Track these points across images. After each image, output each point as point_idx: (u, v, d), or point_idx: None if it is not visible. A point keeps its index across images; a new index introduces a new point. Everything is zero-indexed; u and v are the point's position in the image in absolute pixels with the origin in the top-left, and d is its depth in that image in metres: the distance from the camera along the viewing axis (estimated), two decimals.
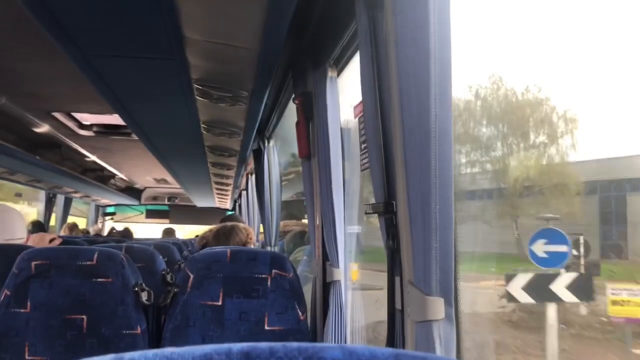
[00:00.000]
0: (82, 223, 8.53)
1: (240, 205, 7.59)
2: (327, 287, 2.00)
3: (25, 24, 2.05)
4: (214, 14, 1.68)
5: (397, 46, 1.14)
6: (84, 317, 1.81)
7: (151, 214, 8.93)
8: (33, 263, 1.82)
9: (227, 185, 5.86)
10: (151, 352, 0.39)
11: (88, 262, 1.83)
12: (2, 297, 1.80)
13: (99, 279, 1.83)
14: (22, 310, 1.79)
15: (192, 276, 1.89)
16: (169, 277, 2.58)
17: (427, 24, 1.06)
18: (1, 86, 3.28)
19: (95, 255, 1.84)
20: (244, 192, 6.66)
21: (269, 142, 3.87)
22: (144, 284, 1.88)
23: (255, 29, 1.73)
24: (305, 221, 5.45)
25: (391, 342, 1.24)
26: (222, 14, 1.67)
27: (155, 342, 1.91)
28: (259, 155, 4.06)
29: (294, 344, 0.41)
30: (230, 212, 8.19)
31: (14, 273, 1.81)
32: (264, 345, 0.40)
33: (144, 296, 1.86)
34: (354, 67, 1.97)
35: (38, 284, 1.81)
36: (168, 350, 0.40)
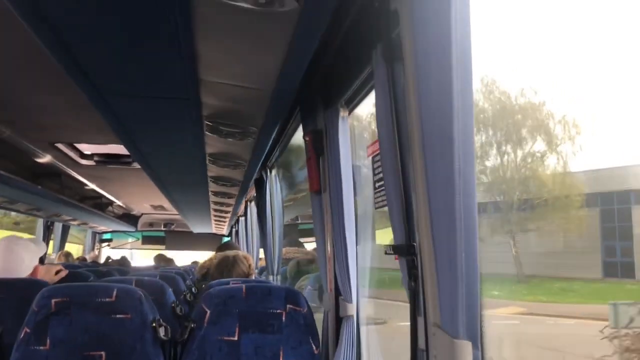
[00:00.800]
0: (75, 249, 8.50)
1: (237, 231, 7.60)
2: (339, 321, 2.03)
3: (33, 55, 2.08)
4: (232, 59, 1.74)
5: (418, 94, 1.19)
6: (103, 353, 1.83)
7: (147, 240, 8.92)
8: (53, 300, 1.84)
9: (226, 212, 5.89)
10: None
11: (107, 299, 1.86)
12: (22, 335, 1.82)
13: (118, 315, 1.85)
14: (41, 348, 1.81)
15: (208, 312, 1.92)
16: (178, 310, 2.61)
17: (450, 74, 1.11)
18: (6, 118, 3.31)
19: (115, 292, 1.87)
20: (241, 218, 6.68)
21: (271, 172, 3.92)
22: (161, 320, 1.91)
23: (270, 72, 1.79)
24: (305, 247, 5.48)
25: None
26: (240, 60, 1.73)
27: None
28: (260, 184, 4.10)
29: None
30: (226, 238, 8.21)
31: (33, 311, 1.84)
32: None
33: (161, 332, 1.88)
34: (364, 106, 2.03)
35: (58, 321, 1.83)
36: None
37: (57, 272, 3.16)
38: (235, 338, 1.91)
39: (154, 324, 1.87)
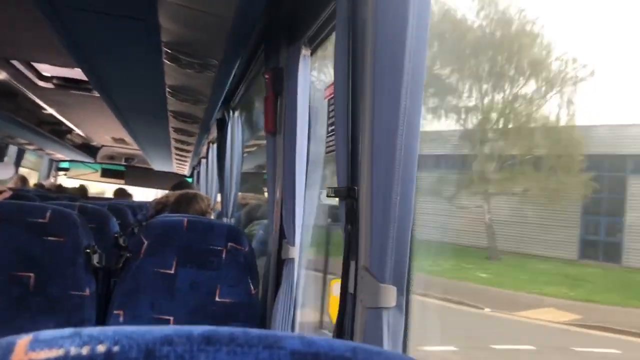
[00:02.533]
0: (35, 176, 8.30)
1: (199, 173, 7.51)
2: (281, 264, 2.01)
3: None
4: None
5: (375, 34, 1.14)
6: (32, 274, 1.77)
7: (107, 173, 8.75)
8: None
9: (188, 151, 5.79)
10: (111, 329, 0.39)
11: (40, 220, 1.78)
12: None
13: (50, 238, 1.79)
14: None
15: (146, 242, 1.87)
16: (121, 241, 2.56)
17: (407, 19, 1.07)
18: None
19: (48, 213, 1.80)
20: (203, 160, 6.59)
21: (233, 113, 3.83)
22: (96, 247, 1.86)
23: None
24: (263, 196, 5.44)
25: (340, 324, 1.27)
26: None
27: (104, 305, 1.89)
28: (222, 125, 4.01)
29: (255, 331, 0.41)
30: (188, 179, 8.11)
31: None
32: (224, 330, 0.41)
33: (95, 259, 1.83)
34: (327, 47, 1.96)
35: None
36: (129, 328, 0.40)
37: (0, 193, 3.06)
38: (172, 271, 1.87)
39: (87, 250, 1.82)
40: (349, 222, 1.27)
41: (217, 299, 1.90)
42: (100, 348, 0.38)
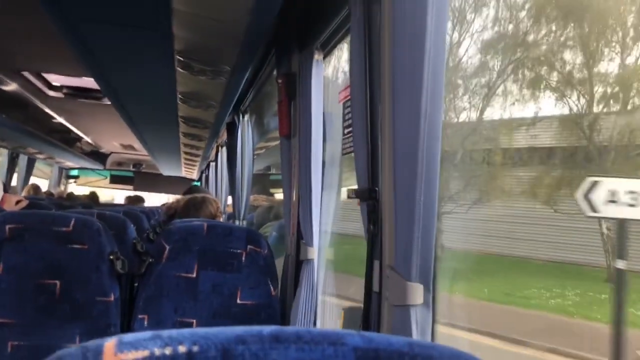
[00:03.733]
0: (44, 184, 8.36)
1: (207, 176, 7.55)
2: (299, 265, 2.04)
3: None
4: None
5: (393, 39, 1.17)
6: (57, 282, 1.81)
7: (115, 180, 8.81)
8: (7, 226, 1.80)
9: (197, 155, 5.83)
10: (187, 331, 0.42)
11: (64, 229, 1.82)
12: None
13: (74, 246, 1.83)
14: None
15: (167, 247, 1.91)
16: (139, 246, 2.59)
17: (425, 21, 1.10)
18: None
19: (72, 222, 1.83)
20: (212, 164, 6.63)
21: (243, 117, 3.87)
22: (119, 253, 1.89)
23: (245, 4, 1.73)
24: (275, 197, 5.48)
25: (366, 323, 1.30)
26: None
27: (128, 310, 1.93)
28: (232, 129, 4.05)
29: (317, 330, 0.45)
30: (196, 183, 8.16)
31: None
32: (290, 329, 0.44)
33: (118, 264, 1.87)
34: (339, 51, 2.00)
35: (12, 247, 1.80)
36: (202, 330, 0.43)
37: (17, 202, 3.11)
38: (194, 275, 1.91)
39: (111, 257, 1.86)
40: (371, 222, 1.30)
41: (238, 301, 1.93)
42: (181, 349, 0.41)
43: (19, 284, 1.80)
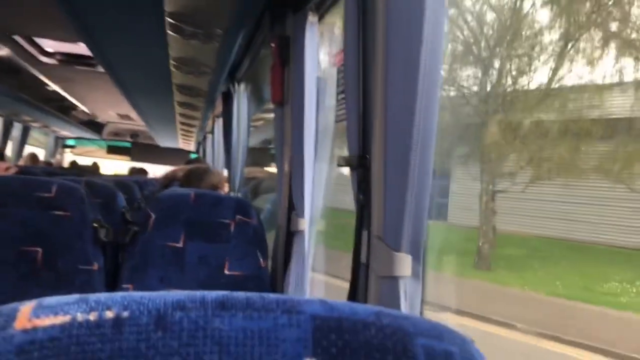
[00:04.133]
0: (42, 154, 8.29)
1: (204, 149, 7.48)
2: (290, 236, 1.98)
3: None
4: None
5: None
6: (40, 249, 1.76)
7: (113, 150, 8.73)
8: None
9: (193, 126, 5.75)
10: (119, 295, 0.36)
11: (46, 194, 1.76)
12: None
13: (56, 212, 1.77)
14: None
15: (154, 216, 1.85)
16: (128, 216, 2.54)
17: None
18: None
19: (54, 188, 1.77)
20: (209, 135, 6.55)
21: (239, 86, 3.77)
22: (102, 221, 1.84)
23: None
24: (269, 169, 5.41)
25: (353, 295, 1.24)
26: None
27: (112, 279, 1.88)
28: (228, 99, 3.96)
29: (272, 296, 0.38)
30: (194, 155, 8.09)
31: None
32: (240, 294, 0.38)
33: (102, 233, 1.81)
34: (335, 13, 1.91)
35: None
36: (139, 293, 0.37)
37: (6, 169, 3.05)
38: (180, 245, 1.85)
39: (94, 224, 1.80)
40: (361, 191, 1.24)
41: (226, 271, 1.88)
42: (109, 314, 0.35)
43: (1, 252, 1.75)
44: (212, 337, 0.35)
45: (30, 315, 0.34)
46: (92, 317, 0.35)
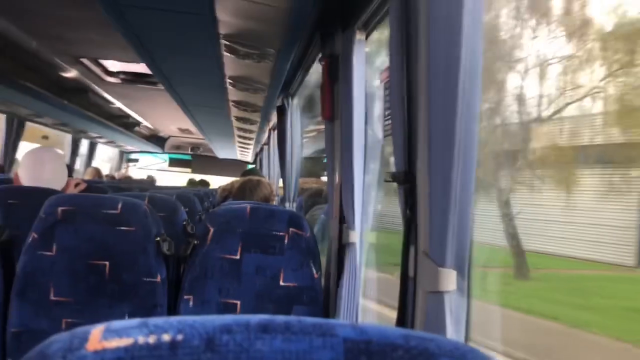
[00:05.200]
0: (107, 168, 8.68)
1: (261, 159, 7.64)
2: (342, 248, 2.03)
3: None
4: None
5: (429, 18, 1.13)
6: (107, 263, 1.87)
7: (174, 163, 9.06)
8: (60, 209, 1.87)
9: (250, 139, 5.90)
10: (175, 319, 0.42)
11: (112, 211, 1.88)
12: (30, 240, 1.86)
13: (122, 228, 1.88)
14: (48, 253, 1.85)
15: (212, 229, 1.94)
16: (189, 228, 2.65)
17: (461, 1, 1.06)
18: (32, 29, 3.32)
19: (120, 205, 1.89)
20: (265, 147, 6.70)
21: (292, 100, 3.86)
22: (165, 234, 1.94)
23: None
24: (323, 179, 5.48)
25: (403, 309, 1.28)
26: None
27: (174, 290, 1.98)
28: (282, 112, 4.06)
29: (309, 320, 0.43)
30: (251, 166, 8.27)
31: (41, 217, 1.87)
32: (280, 318, 0.43)
33: (165, 246, 1.91)
34: (382, 31, 1.95)
35: (64, 228, 1.87)
36: (191, 318, 0.42)
37: (76, 185, 3.23)
38: (237, 257, 1.93)
39: (157, 238, 1.90)
40: (408, 207, 1.27)
41: (281, 282, 1.94)
42: (166, 337, 0.40)
43: (71, 264, 1.88)
44: (254, 357, 0.40)
45: (100, 338, 0.41)
46: (152, 340, 0.40)
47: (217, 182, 9.40)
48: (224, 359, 0.40)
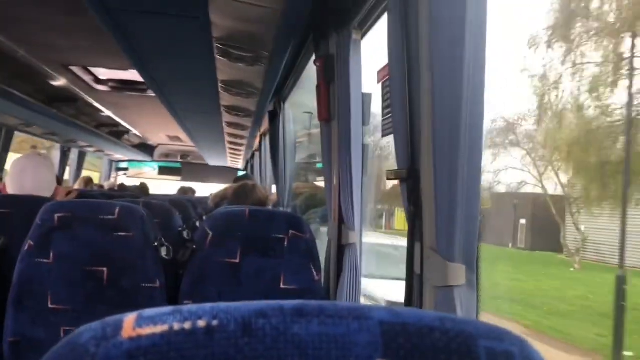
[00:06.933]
0: (96, 177, 8.60)
1: (252, 166, 7.62)
2: (342, 249, 2.02)
3: None
4: None
5: (431, 13, 1.13)
6: (105, 269, 1.85)
7: (164, 171, 9.01)
8: (56, 215, 1.85)
9: (241, 145, 5.88)
10: (208, 306, 0.41)
11: (110, 217, 1.86)
12: (27, 247, 1.83)
13: (120, 233, 1.86)
14: (45, 261, 1.83)
15: (211, 234, 1.92)
16: (185, 234, 2.63)
17: None
18: (19, 37, 3.28)
19: (117, 210, 1.87)
20: (256, 153, 6.68)
21: (284, 104, 3.86)
22: (163, 240, 1.92)
23: None
24: (315, 183, 5.47)
25: (408, 305, 1.27)
26: None
27: (174, 295, 1.95)
28: (274, 117, 4.06)
29: (343, 304, 0.42)
30: (242, 172, 8.25)
31: (37, 224, 1.85)
32: (314, 303, 0.42)
33: (163, 251, 1.89)
34: (378, 30, 1.95)
35: (61, 235, 1.84)
36: (224, 304, 0.41)
37: (68, 193, 3.19)
38: (237, 260, 1.91)
39: (155, 243, 1.88)
40: (412, 203, 1.27)
41: (282, 285, 1.93)
42: (201, 323, 0.39)
43: (69, 271, 1.85)
44: (292, 341, 0.39)
45: (134, 325, 0.39)
46: (187, 326, 0.39)
47: (207, 190, 9.37)
48: (261, 342, 0.39)
